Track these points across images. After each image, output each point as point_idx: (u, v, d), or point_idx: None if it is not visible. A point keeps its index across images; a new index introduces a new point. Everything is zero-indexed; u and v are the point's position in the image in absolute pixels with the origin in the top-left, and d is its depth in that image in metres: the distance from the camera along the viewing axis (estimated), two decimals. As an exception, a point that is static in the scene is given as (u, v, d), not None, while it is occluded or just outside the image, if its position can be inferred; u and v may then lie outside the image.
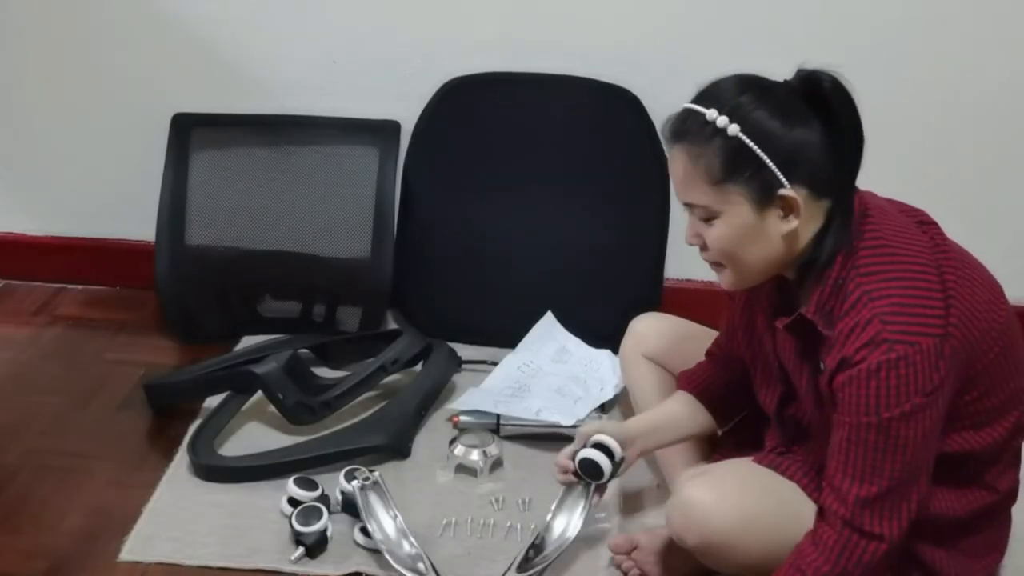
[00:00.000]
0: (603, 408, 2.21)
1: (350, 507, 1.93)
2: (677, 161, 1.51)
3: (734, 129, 1.45)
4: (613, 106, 2.43)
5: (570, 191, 2.46)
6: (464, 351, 2.40)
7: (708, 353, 1.89)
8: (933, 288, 1.48)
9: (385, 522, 1.78)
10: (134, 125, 2.58)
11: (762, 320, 1.68)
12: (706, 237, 1.53)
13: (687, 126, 1.50)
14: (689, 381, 1.86)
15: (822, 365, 1.53)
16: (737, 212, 1.49)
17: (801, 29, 2.33)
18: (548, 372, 2.31)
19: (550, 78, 2.44)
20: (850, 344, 1.46)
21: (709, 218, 1.51)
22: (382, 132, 2.50)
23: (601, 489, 1.81)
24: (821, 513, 1.55)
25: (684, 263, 2.53)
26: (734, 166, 1.46)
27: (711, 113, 1.47)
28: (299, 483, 1.93)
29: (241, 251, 2.51)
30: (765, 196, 1.48)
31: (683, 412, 1.85)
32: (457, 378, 2.35)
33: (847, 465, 1.49)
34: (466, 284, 2.49)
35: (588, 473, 1.77)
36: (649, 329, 2.02)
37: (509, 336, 2.39)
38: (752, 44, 2.37)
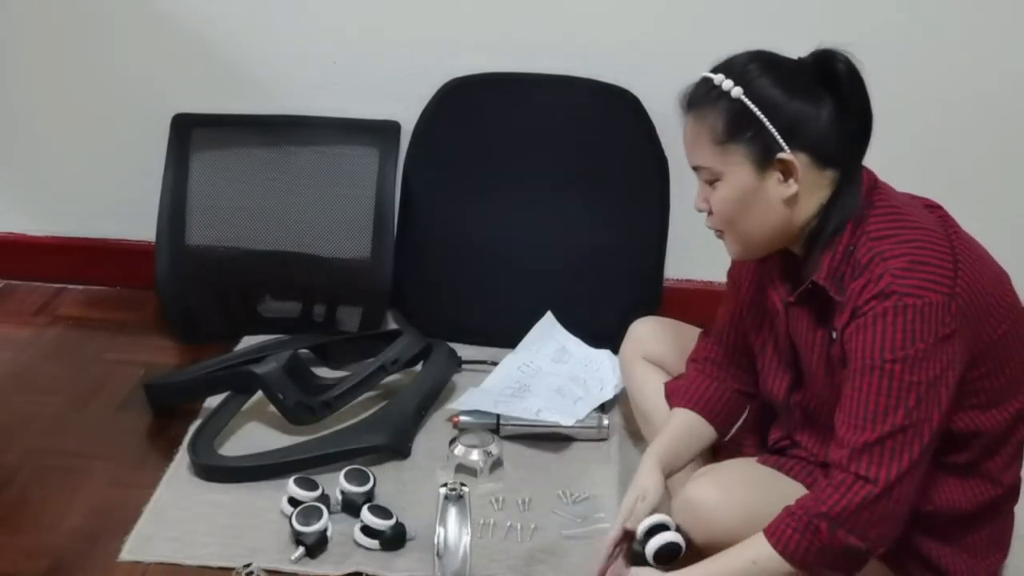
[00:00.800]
0: (603, 408, 2.22)
1: (350, 507, 1.93)
2: (687, 125, 1.59)
3: (737, 92, 1.52)
4: (613, 106, 2.43)
5: (570, 191, 2.46)
6: (464, 351, 2.40)
7: (692, 360, 1.88)
8: (943, 251, 1.51)
9: (452, 535, 1.77)
10: (135, 125, 2.58)
11: (774, 300, 1.68)
12: (712, 202, 1.58)
13: (698, 92, 1.58)
14: (683, 397, 1.85)
15: (834, 333, 1.55)
16: (738, 173, 1.54)
17: (801, 29, 2.32)
18: (548, 372, 2.31)
19: (550, 78, 2.44)
20: (861, 299, 1.49)
21: (713, 180, 1.57)
22: (382, 132, 2.50)
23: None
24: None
25: (684, 263, 2.54)
26: (736, 127, 1.53)
27: (718, 78, 1.55)
28: (299, 483, 1.93)
29: (241, 251, 2.52)
30: (765, 158, 1.53)
31: (692, 430, 1.83)
32: (457, 378, 2.35)
33: (851, 416, 1.50)
34: (466, 284, 2.49)
35: (666, 558, 1.65)
36: (648, 332, 2.03)
37: (509, 336, 2.40)
38: (752, 45, 2.37)
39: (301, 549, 1.83)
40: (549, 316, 2.42)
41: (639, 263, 2.48)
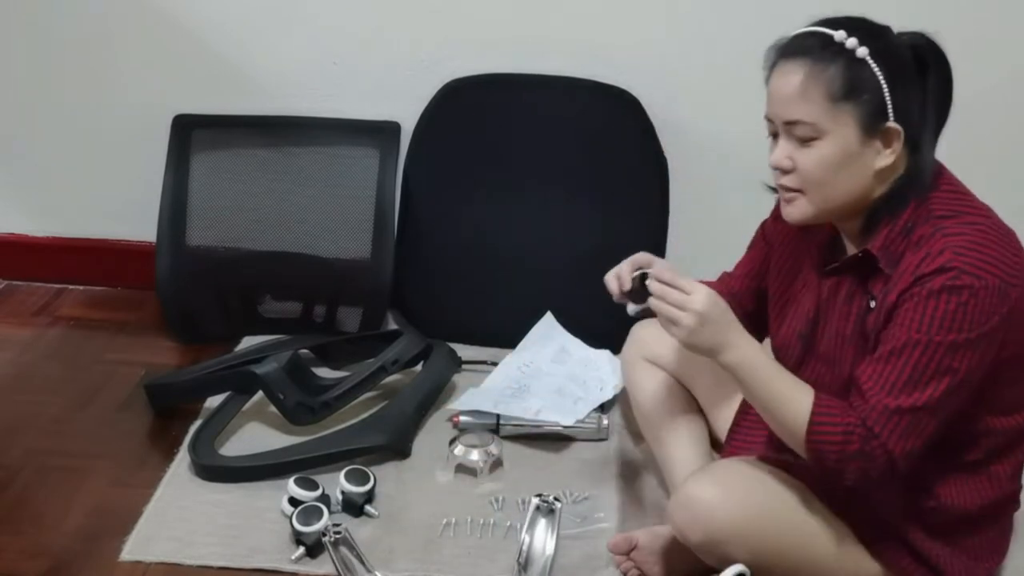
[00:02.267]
0: (603, 408, 2.22)
1: (350, 507, 1.94)
2: (791, 75, 1.52)
3: (863, 52, 1.49)
4: (613, 107, 2.44)
5: (570, 192, 2.46)
6: (464, 351, 2.40)
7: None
8: (1006, 240, 1.52)
9: (538, 545, 1.78)
10: (135, 126, 2.59)
11: (808, 269, 1.68)
12: (799, 160, 1.54)
13: (809, 43, 1.53)
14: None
15: (873, 303, 1.55)
16: (844, 135, 1.51)
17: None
18: (548, 372, 2.32)
19: (550, 79, 2.44)
20: (919, 271, 1.49)
21: (811, 138, 1.52)
22: (382, 133, 2.51)
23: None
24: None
25: (683, 264, 2.52)
26: (853, 87, 1.49)
27: (840, 34, 1.51)
28: (299, 483, 1.93)
29: (242, 252, 2.52)
30: (873, 125, 1.50)
31: None
32: (457, 378, 2.35)
33: (881, 376, 1.50)
34: (466, 285, 2.49)
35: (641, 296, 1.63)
36: (650, 334, 2.02)
37: (509, 336, 2.40)
38: (752, 46, 2.37)
39: (301, 549, 1.83)
40: (549, 316, 2.43)
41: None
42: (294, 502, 1.91)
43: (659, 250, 2.49)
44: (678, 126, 2.45)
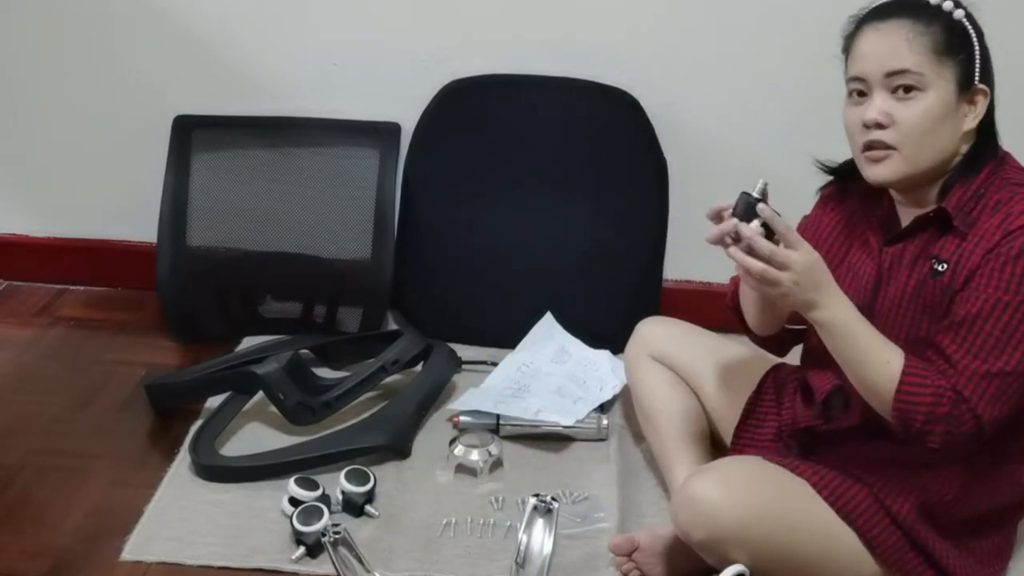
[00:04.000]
0: (602, 408, 2.22)
1: (351, 507, 1.94)
2: (895, 31, 1.55)
3: (960, 14, 1.56)
4: (612, 108, 2.44)
5: (569, 192, 2.47)
6: (464, 351, 2.41)
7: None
8: None
9: (535, 545, 1.78)
10: (136, 127, 2.59)
11: (866, 245, 1.68)
12: (900, 114, 1.55)
13: (907, 6, 1.57)
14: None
15: (942, 266, 1.56)
16: (945, 89, 1.55)
17: (801, 32, 2.34)
18: (548, 372, 2.32)
19: (550, 80, 2.45)
20: (1002, 230, 1.51)
21: (913, 90, 1.54)
22: (382, 134, 2.51)
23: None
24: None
25: (683, 264, 2.54)
26: (955, 45, 1.55)
27: None
28: (300, 483, 1.93)
29: (242, 252, 2.52)
30: (966, 84, 1.56)
31: None
32: (457, 378, 2.35)
33: (966, 340, 1.51)
34: (466, 285, 2.50)
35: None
36: (654, 333, 2.03)
37: (509, 337, 2.40)
38: (752, 48, 2.38)
39: (302, 549, 1.83)
40: (549, 317, 2.43)
41: (639, 264, 2.49)
42: (294, 502, 1.91)
43: (659, 250, 2.49)
44: (678, 127, 2.45)
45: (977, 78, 1.56)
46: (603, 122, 2.45)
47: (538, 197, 2.47)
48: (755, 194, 1.54)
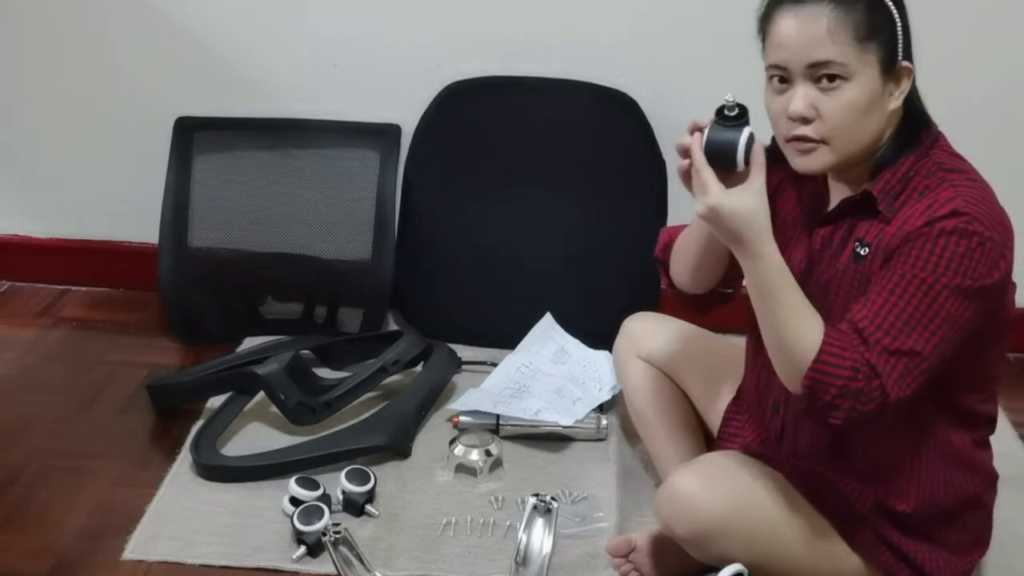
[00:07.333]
0: (602, 408, 2.23)
1: (351, 506, 1.95)
2: (815, 18, 1.49)
3: None
4: (611, 110, 2.45)
5: (569, 194, 2.47)
6: (464, 352, 2.41)
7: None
8: (1004, 211, 1.51)
9: (535, 545, 1.79)
10: (137, 128, 2.60)
11: (795, 224, 1.66)
12: (825, 107, 1.49)
13: None
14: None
15: (864, 250, 1.53)
16: (869, 75, 1.49)
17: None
18: (547, 373, 2.33)
19: (549, 82, 2.46)
20: (925, 216, 1.46)
21: (837, 79, 1.48)
22: (383, 135, 2.52)
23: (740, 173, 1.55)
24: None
25: (682, 265, 2.54)
26: (875, 26, 1.49)
27: None
28: (301, 483, 1.94)
29: (243, 253, 2.53)
30: (890, 65, 1.50)
31: None
32: (457, 379, 2.36)
33: (878, 315, 1.45)
34: (466, 286, 2.50)
35: (719, 156, 1.53)
36: (642, 329, 2.02)
37: (508, 337, 2.41)
38: (751, 49, 2.38)
39: (302, 548, 1.84)
40: (548, 317, 2.44)
41: (638, 265, 2.48)
42: (295, 502, 1.92)
43: (658, 251, 2.50)
44: (677, 127, 2.45)
45: (900, 55, 1.51)
46: (602, 123, 2.46)
47: (538, 198, 2.48)
48: (729, 111, 1.54)
